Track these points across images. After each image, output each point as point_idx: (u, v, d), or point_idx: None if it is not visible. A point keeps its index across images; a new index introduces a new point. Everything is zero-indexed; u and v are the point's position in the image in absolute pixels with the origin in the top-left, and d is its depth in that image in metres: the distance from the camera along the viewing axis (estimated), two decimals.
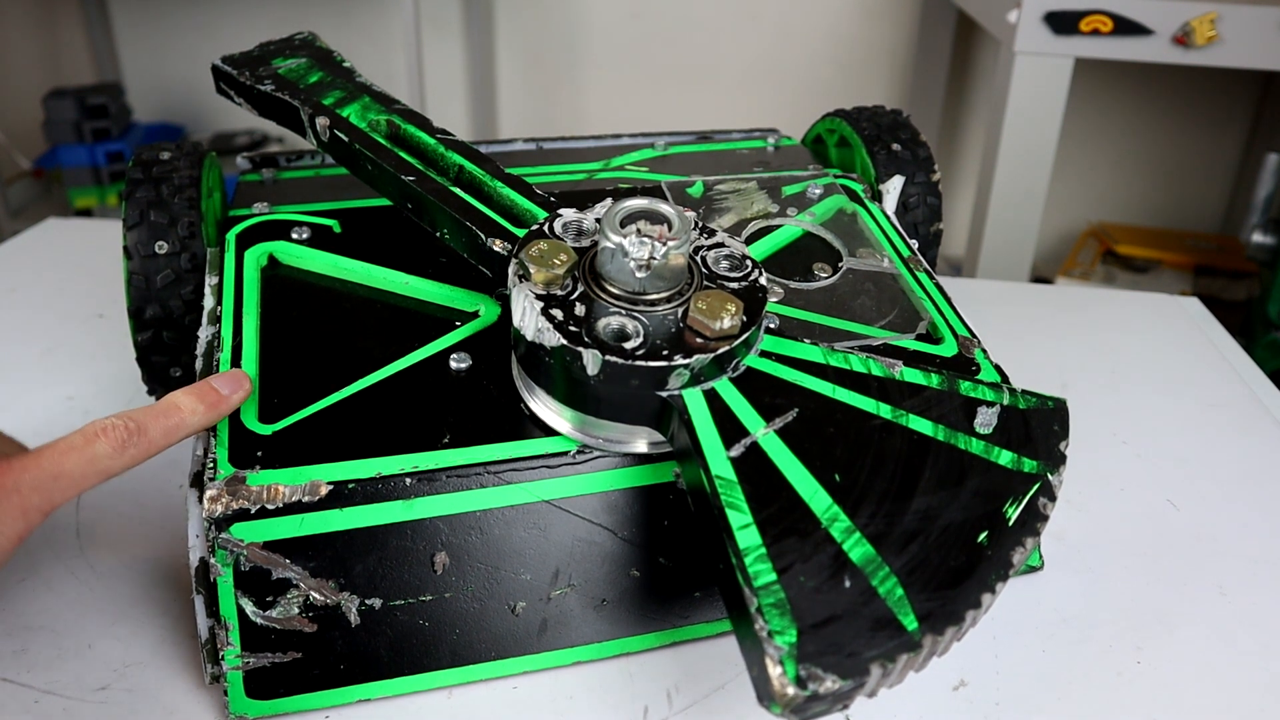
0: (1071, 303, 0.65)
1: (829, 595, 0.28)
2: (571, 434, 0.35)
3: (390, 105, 0.44)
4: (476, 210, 0.39)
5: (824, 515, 0.30)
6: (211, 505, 0.31)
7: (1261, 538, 0.42)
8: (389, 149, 0.42)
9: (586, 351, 0.31)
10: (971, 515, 0.32)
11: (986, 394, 0.35)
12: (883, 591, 0.29)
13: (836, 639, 0.27)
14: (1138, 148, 1.70)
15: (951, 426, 0.34)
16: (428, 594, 0.33)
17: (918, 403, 0.35)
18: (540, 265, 0.33)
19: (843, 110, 0.54)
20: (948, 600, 0.29)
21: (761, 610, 0.27)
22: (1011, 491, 0.33)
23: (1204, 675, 0.36)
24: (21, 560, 0.39)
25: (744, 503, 0.30)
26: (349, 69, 0.46)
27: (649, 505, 0.35)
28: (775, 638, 0.27)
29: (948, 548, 0.31)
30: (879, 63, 1.73)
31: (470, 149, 0.42)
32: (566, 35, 1.78)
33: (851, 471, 0.32)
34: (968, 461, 0.33)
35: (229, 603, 0.32)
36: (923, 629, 0.28)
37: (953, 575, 0.30)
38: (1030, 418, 0.35)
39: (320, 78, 0.45)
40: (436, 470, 0.33)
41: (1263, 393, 0.54)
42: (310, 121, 0.43)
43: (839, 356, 0.36)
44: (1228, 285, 1.46)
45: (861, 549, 0.30)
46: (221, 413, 0.34)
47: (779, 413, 0.33)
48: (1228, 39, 1.02)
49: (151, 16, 1.84)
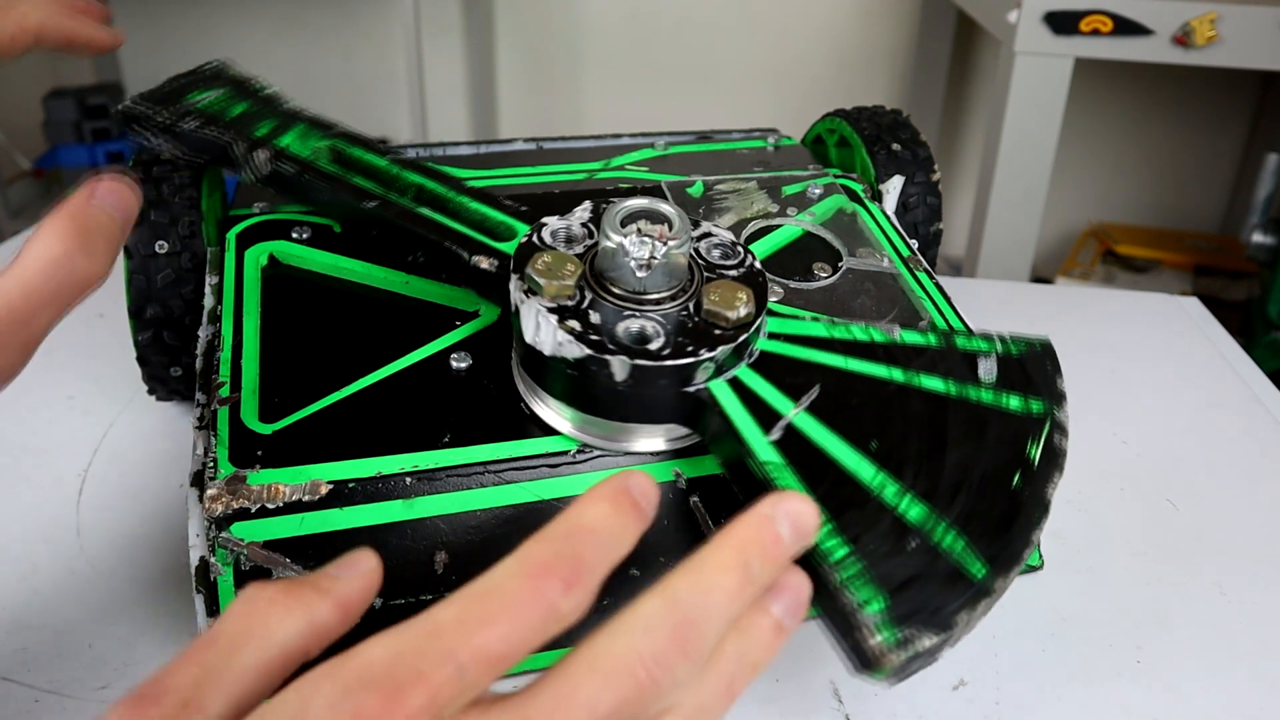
0: (1071, 303, 0.65)
1: (900, 558, 0.29)
2: (571, 434, 0.35)
3: (328, 129, 0.42)
4: (451, 229, 0.38)
5: (873, 483, 0.31)
6: (212, 504, 0.31)
7: (1261, 538, 0.42)
8: (341, 176, 0.40)
9: (614, 359, 0.31)
10: (1000, 460, 0.33)
11: (981, 345, 0.37)
12: (946, 546, 0.30)
13: (920, 598, 0.28)
14: (1138, 148, 1.70)
15: (960, 380, 0.35)
16: (428, 593, 0.33)
17: (923, 362, 0.36)
18: (550, 278, 0.33)
19: (843, 110, 0.54)
20: (1005, 543, 0.30)
21: (846, 584, 0.28)
22: (1029, 433, 0.34)
23: (1204, 675, 0.36)
24: (21, 560, 0.39)
25: (798, 483, 0.31)
26: (273, 95, 0.44)
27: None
28: (865, 608, 0.28)
29: (990, 495, 0.32)
30: (879, 63, 1.73)
31: (424, 165, 0.41)
32: (566, 35, 1.78)
33: (884, 437, 0.33)
34: (983, 411, 0.35)
35: (229, 602, 0.32)
36: (991, 574, 0.29)
37: (1002, 519, 0.31)
38: (1025, 362, 0.37)
39: (246, 108, 0.42)
40: (437, 469, 0.33)
41: (1263, 393, 0.54)
42: (247, 156, 0.40)
43: (841, 328, 0.37)
44: (1228, 285, 1.46)
45: (916, 509, 0.31)
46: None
47: (802, 391, 0.34)
48: (1228, 39, 1.02)
49: (151, 16, 1.84)
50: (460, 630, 0.21)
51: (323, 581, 0.24)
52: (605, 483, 0.24)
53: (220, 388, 0.35)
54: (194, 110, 0.41)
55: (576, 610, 0.22)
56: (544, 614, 0.22)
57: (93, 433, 0.47)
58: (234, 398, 0.35)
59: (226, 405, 0.35)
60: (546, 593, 0.22)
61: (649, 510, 0.24)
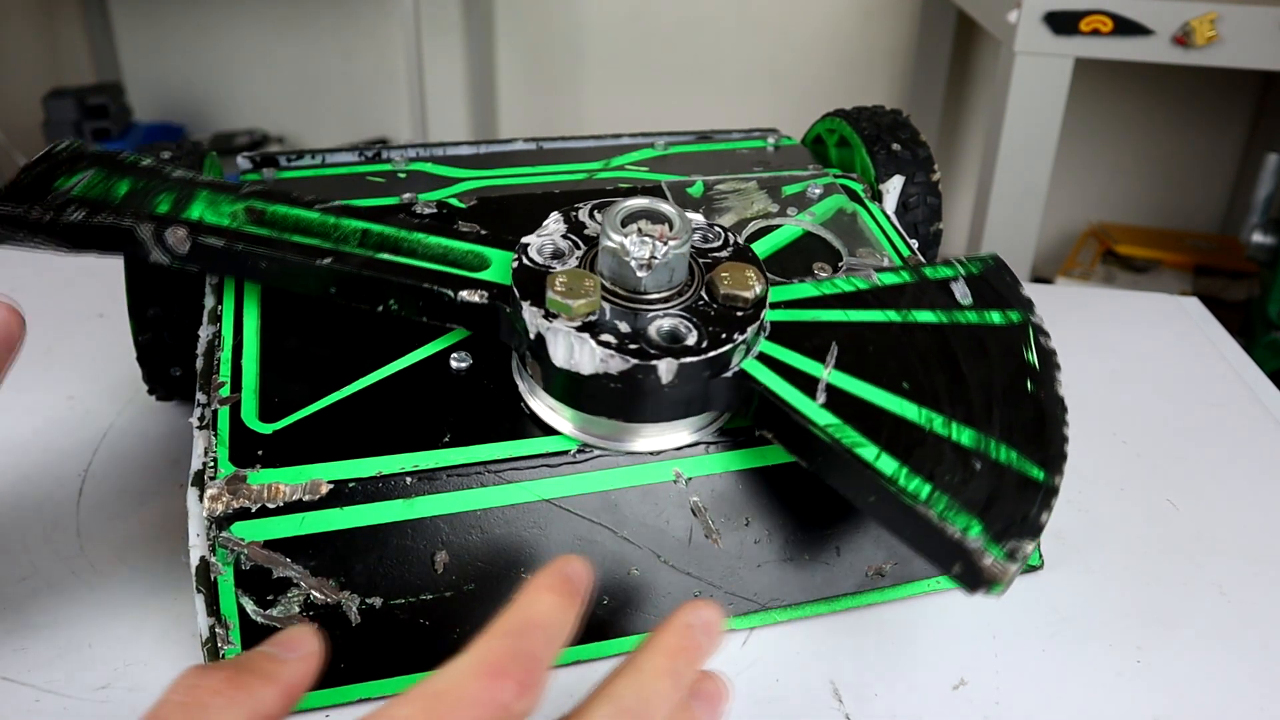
0: (1071, 303, 0.65)
1: (974, 482, 0.31)
2: (572, 434, 0.35)
3: (236, 190, 0.38)
4: (423, 269, 0.36)
5: (921, 420, 0.33)
6: (212, 504, 0.32)
7: (1261, 538, 0.42)
8: (277, 238, 0.36)
9: (660, 362, 0.31)
10: (1009, 371, 0.36)
11: (945, 271, 0.39)
12: (1004, 460, 0.32)
13: (1006, 512, 0.31)
14: (1138, 148, 1.70)
15: (945, 308, 0.38)
16: (428, 593, 0.33)
17: (909, 299, 0.38)
18: (574, 297, 0.32)
19: (843, 110, 0.54)
20: (1046, 444, 0.33)
21: (945, 517, 0.30)
22: (1019, 341, 0.37)
23: (1204, 675, 0.36)
24: (21, 560, 0.39)
25: (862, 437, 0.32)
26: (153, 165, 0.39)
27: (649, 505, 0.35)
28: (969, 534, 0.30)
29: (1016, 404, 0.34)
30: (879, 63, 1.73)
31: (356, 207, 0.38)
32: (566, 35, 1.78)
33: (911, 375, 0.35)
34: (976, 331, 0.37)
35: (229, 602, 0.32)
36: (1049, 474, 0.32)
37: (1034, 423, 0.34)
38: (987, 278, 0.39)
39: (132, 185, 0.37)
40: (437, 469, 0.33)
41: (1263, 393, 0.54)
42: (157, 238, 0.35)
43: (827, 284, 0.38)
44: (1228, 285, 1.46)
45: (965, 433, 0.33)
46: None
47: (824, 351, 0.35)
48: (1228, 39, 1.02)
49: (151, 16, 1.84)
50: None
51: (266, 666, 0.24)
52: (547, 571, 0.26)
53: (220, 388, 0.35)
54: (73, 199, 0.36)
55: (528, 711, 0.23)
56: (497, 716, 0.22)
57: (93, 433, 0.47)
58: (234, 398, 0.35)
59: (227, 405, 0.35)
60: (501, 694, 0.22)
61: (584, 593, 0.26)
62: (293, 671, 0.25)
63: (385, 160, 0.51)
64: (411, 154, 0.51)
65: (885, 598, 0.38)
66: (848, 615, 0.38)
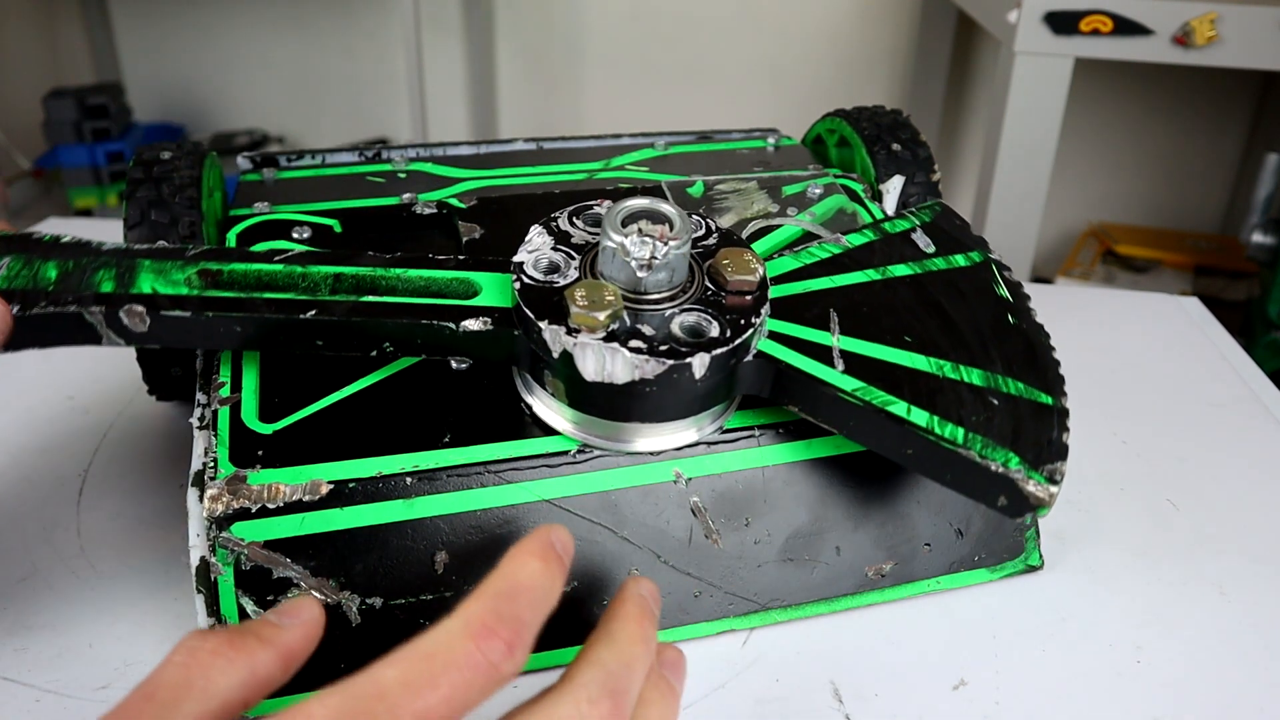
0: (1071, 303, 0.65)
1: (997, 417, 0.33)
2: (572, 434, 0.35)
3: (181, 254, 0.35)
4: (414, 306, 0.34)
5: (934, 369, 0.35)
6: (212, 504, 0.32)
7: (1261, 538, 0.42)
8: (248, 298, 0.33)
9: (693, 359, 0.31)
10: (990, 309, 0.37)
11: (903, 224, 0.41)
12: (1015, 392, 0.34)
13: (1033, 439, 0.33)
14: (1138, 148, 1.70)
15: (915, 259, 0.39)
16: (428, 593, 0.33)
17: (881, 256, 0.39)
18: (599, 309, 0.32)
19: (843, 110, 0.54)
20: (1044, 370, 0.35)
21: (985, 454, 0.32)
22: (988, 280, 0.39)
23: (1204, 675, 0.36)
24: (21, 560, 0.39)
25: (889, 395, 0.33)
26: (74, 242, 0.35)
27: (649, 505, 0.35)
28: (1009, 465, 0.32)
29: (1006, 339, 0.36)
30: (879, 63, 1.73)
31: (320, 253, 0.36)
32: (566, 35, 1.78)
33: (909, 329, 0.36)
34: (948, 276, 0.39)
35: (230, 602, 0.32)
36: (1055, 398, 0.34)
37: (1028, 354, 0.36)
38: (940, 224, 0.41)
39: (60, 267, 0.33)
40: (437, 469, 0.33)
41: (1263, 393, 0.54)
42: (109, 320, 0.32)
43: (804, 254, 0.39)
44: (1228, 285, 1.46)
45: (974, 374, 0.35)
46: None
47: (825, 320, 0.36)
48: (1228, 39, 1.02)
49: (151, 16, 1.84)
50: (404, 692, 0.21)
51: (265, 630, 0.25)
52: (532, 538, 0.26)
53: (220, 388, 0.35)
54: None
55: (515, 670, 0.23)
56: (486, 676, 0.22)
57: (93, 433, 0.47)
58: (234, 398, 0.35)
59: (227, 405, 0.35)
60: (489, 654, 0.22)
61: (569, 563, 0.26)
62: (292, 637, 0.25)
63: (385, 160, 0.51)
64: (411, 154, 0.51)
65: (885, 598, 0.38)
66: (848, 615, 0.38)
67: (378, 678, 0.22)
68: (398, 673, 0.22)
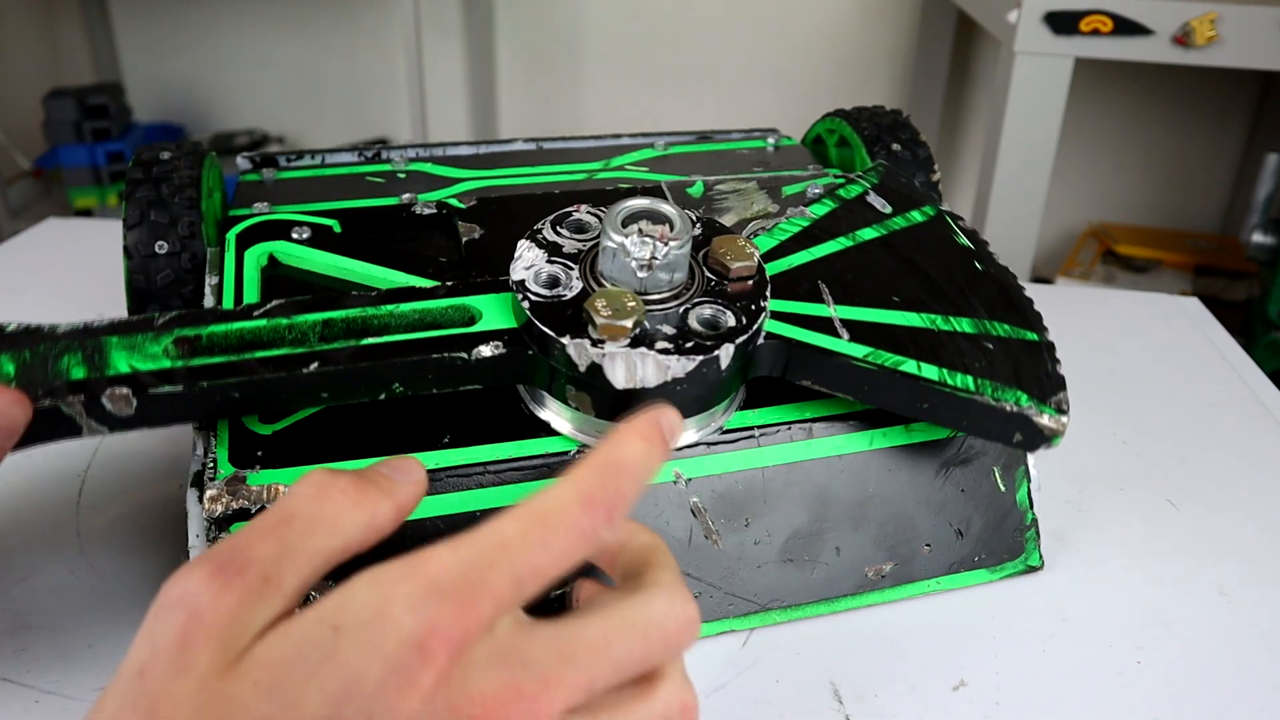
0: (1071, 303, 0.65)
1: (997, 360, 0.35)
2: (571, 435, 0.35)
3: (149, 325, 0.32)
4: (417, 342, 0.33)
5: (928, 324, 0.36)
6: (212, 505, 0.31)
7: (1261, 538, 0.42)
8: (238, 361, 0.31)
9: (720, 350, 0.32)
10: (957, 259, 0.39)
11: (856, 189, 0.43)
12: (1004, 334, 0.36)
13: (1033, 375, 0.35)
14: (1138, 148, 1.70)
15: (878, 221, 0.41)
16: None
17: (846, 223, 0.41)
18: (623, 316, 0.31)
19: (843, 110, 0.54)
20: (1021, 308, 0.38)
21: (996, 398, 0.34)
22: (946, 231, 0.41)
23: (1204, 675, 0.36)
24: (21, 560, 0.39)
25: (896, 355, 0.34)
26: (24, 329, 0.31)
27: (649, 505, 0.35)
28: (1021, 403, 0.34)
29: (980, 285, 0.38)
30: (879, 63, 1.73)
31: (299, 301, 0.34)
32: (566, 35, 1.78)
33: (894, 289, 0.37)
34: (912, 232, 0.40)
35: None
36: (1040, 334, 0.37)
37: (1003, 296, 0.38)
38: (887, 185, 0.43)
39: (17, 360, 0.30)
40: (437, 470, 0.33)
41: (1263, 393, 0.54)
42: (89, 410, 0.30)
43: (778, 231, 0.40)
44: (1228, 285, 1.46)
45: (964, 323, 0.36)
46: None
47: (817, 292, 0.37)
48: (1228, 39, 1.02)
49: (151, 16, 1.84)
50: (523, 547, 0.22)
51: (385, 483, 0.25)
52: (642, 418, 0.26)
53: None
54: None
55: (612, 540, 0.25)
56: (589, 541, 0.23)
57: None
58: None
59: None
60: (594, 520, 0.23)
61: (674, 446, 0.27)
62: (406, 492, 0.26)
63: (385, 160, 0.51)
64: (411, 154, 0.51)
65: (885, 598, 0.38)
66: (848, 615, 0.38)
67: (500, 530, 0.23)
68: (517, 529, 0.23)
